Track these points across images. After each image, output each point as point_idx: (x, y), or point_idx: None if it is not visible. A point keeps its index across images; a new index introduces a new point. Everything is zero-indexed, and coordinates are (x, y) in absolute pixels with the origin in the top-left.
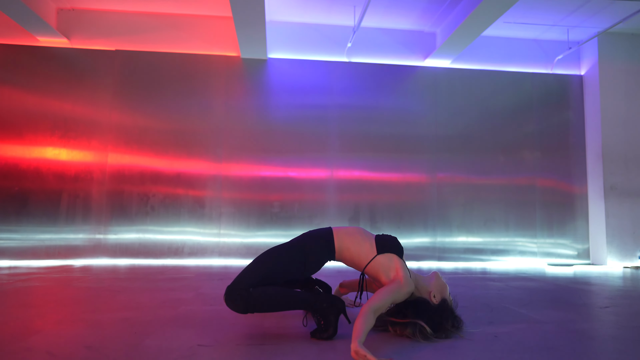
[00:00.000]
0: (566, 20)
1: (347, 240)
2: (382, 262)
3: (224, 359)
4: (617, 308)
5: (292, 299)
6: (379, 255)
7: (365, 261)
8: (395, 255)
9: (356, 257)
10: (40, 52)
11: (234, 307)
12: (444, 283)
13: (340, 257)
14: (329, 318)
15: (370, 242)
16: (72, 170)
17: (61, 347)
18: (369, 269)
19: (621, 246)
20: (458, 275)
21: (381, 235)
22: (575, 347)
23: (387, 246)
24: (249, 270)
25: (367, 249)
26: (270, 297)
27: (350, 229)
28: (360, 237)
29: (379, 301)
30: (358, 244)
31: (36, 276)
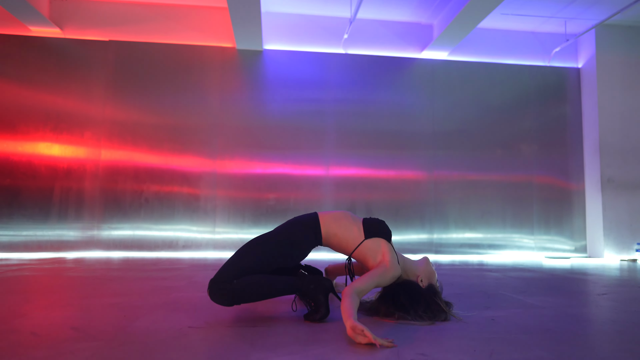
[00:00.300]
0: (563, 12)
1: (334, 226)
2: (369, 246)
3: (214, 340)
4: (615, 295)
5: (278, 285)
6: (366, 239)
7: (352, 246)
8: (382, 239)
9: (344, 243)
10: (32, 42)
11: (219, 300)
12: (432, 270)
13: (328, 242)
14: (318, 299)
15: (358, 226)
16: (64, 164)
17: (46, 329)
18: (357, 253)
19: (618, 239)
20: (455, 267)
21: (369, 219)
22: (573, 329)
23: (374, 230)
24: (232, 262)
25: (355, 233)
26: (255, 286)
27: (337, 214)
28: (347, 222)
29: (363, 284)
30: (345, 229)
31: (27, 267)
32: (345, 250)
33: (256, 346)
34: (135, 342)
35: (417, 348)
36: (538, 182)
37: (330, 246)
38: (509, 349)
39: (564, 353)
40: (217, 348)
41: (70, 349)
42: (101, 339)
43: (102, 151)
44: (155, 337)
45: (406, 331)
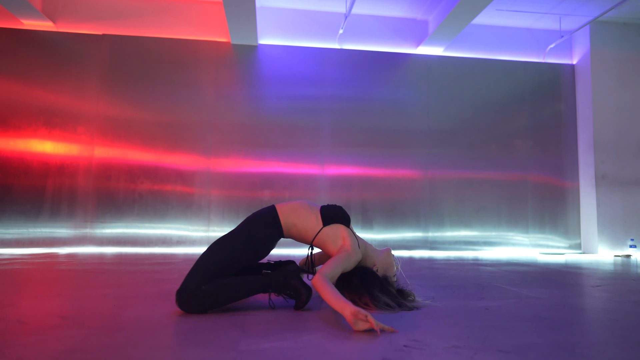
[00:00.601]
0: (558, 8)
1: (292, 217)
2: (328, 233)
3: (205, 327)
4: (609, 287)
5: (247, 285)
6: (325, 227)
7: (312, 235)
8: (341, 225)
9: (303, 232)
10: (25, 35)
11: (189, 309)
12: (391, 262)
13: (289, 234)
14: (293, 285)
15: (316, 214)
16: (57, 160)
17: (33, 317)
18: (317, 241)
19: (612, 235)
20: (450, 262)
21: (326, 207)
22: (568, 318)
23: (332, 217)
24: (197, 268)
25: (313, 222)
26: (224, 290)
27: (294, 204)
28: (305, 212)
29: (331, 269)
30: (304, 219)
31: (18, 261)
32: (305, 240)
33: (247, 333)
34: (123, 330)
35: (409, 335)
36: (533, 179)
37: (292, 237)
38: (502, 335)
39: (558, 339)
40: (207, 335)
41: (56, 336)
42: (89, 326)
43: (95, 147)
44: (144, 325)
45: (398, 319)
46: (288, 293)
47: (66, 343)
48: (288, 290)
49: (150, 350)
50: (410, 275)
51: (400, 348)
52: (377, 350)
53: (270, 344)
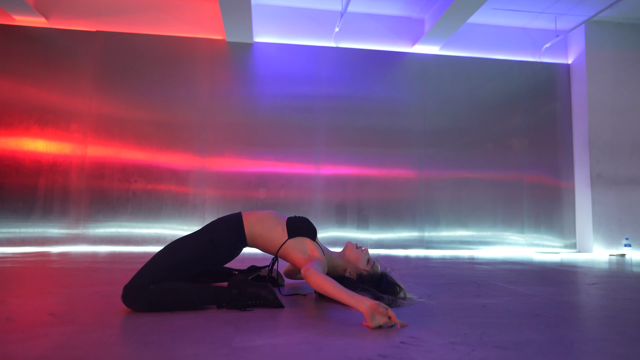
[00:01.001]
0: (553, 7)
1: (257, 227)
2: (293, 245)
3: (198, 324)
4: (605, 284)
5: (199, 294)
6: (290, 239)
7: (277, 245)
8: (306, 238)
9: (268, 243)
10: (17, 31)
11: (133, 306)
12: (356, 254)
13: (253, 243)
14: (250, 293)
15: (282, 226)
16: (50, 158)
17: (22, 314)
18: (281, 253)
19: (607, 234)
20: (445, 260)
21: (292, 218)
22: (564, 314)
23: (297, 230)
24: (150, 265)
25: (279, 233)
26: (173, 294)
27: (261, 214)
28: (272, 222)
29: (314, 267)
30: (269, 230)
31: (9, 259)
32: (270, 250)
33: (240, 330)
34: (114, 327)
35: (406, 332)
36: (528, 179)
37: (256, 246)
38: (500, 332)
39: (555, 336)
40: (200, 331)
41: (44, 333)
42: (79, 323)
43: (88, 145)
44: (136, 322)
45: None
46: (250, 303)
47: (55, 339)
48: (249, 301)
49: (142, 347)
50: (406, 274)
51: (397, 344)
52: (373, 346)
53: (264, 341)
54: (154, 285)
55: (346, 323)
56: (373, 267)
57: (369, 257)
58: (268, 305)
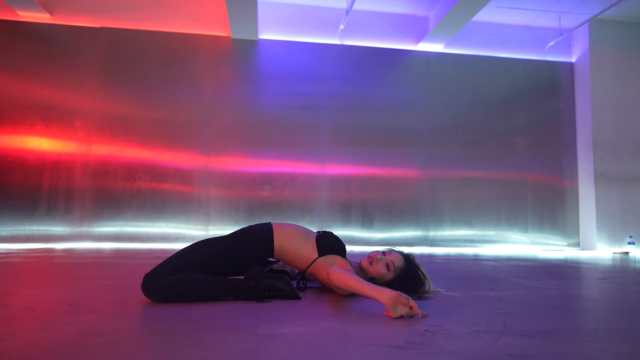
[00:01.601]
0: (557, 6)
1: (287, 242)
2: (323, 262)
3: (219, 315)
4: (615, 279)
5: (216, 285)
6: (320, 257)
7: (306, 263)
8: (337, 256)
9: (297, 259)
10: (21, 28)
11: (151, 295)
12: (376, 270)
13: (280, 257)
14: (268, 285)
15: (312, 243)
16: (54, 156)
17: (41, 304)
18: (310, 270)
19: (611, 232)
20: (450, 258)
21: (322, 236)
22: (582, 306)
23: (328, 248)
24: (174, 259)
25: (309, 251)
26: (190, 284)
27: (292, 230)
28: (301, 239)
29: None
30: (299, 247)
31: (15, 255)
32: (297, 266)
33: (262, 319)
34: (134, 316)
35: (428, 321)
36: (532, 177)
37: (283, 261)
38: (521, 321)
39: (577, 325)
40: (223, 321)
41: (67, 322)
42: (99, 313)
43: (92, 143)
44: (155, 312)
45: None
46: (267, 295)
47: (78, 327)
48: (266, 292)
49: (168, 334)
50: None
51: (422, 332)
52: (399, 334)
53: (288, 329)
54: (173, 275)
55: (366, 313)
56: (395, 269)
57: (386, 261)
58: (285, 296)
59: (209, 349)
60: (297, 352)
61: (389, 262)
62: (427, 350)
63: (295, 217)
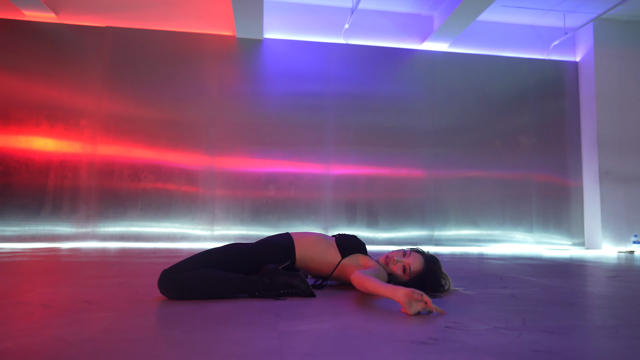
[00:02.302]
0: (562, 5)
1: (310, 251)
2: (348, 263)
3: (237, 312)
4: (627, 277)
5: (232, 282)
6: (343, 259)
7: (331, 268)
8: (359, 255)
9: (322, 265)
10: (26, 27)
11: (167, 292)
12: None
13: (302, 266)
14: (282, 282)
15: (334, 247)
16: (59, 155)
17: (58, 302)
18: (336, 273)
19: (616, 231)
20: (455, 257)
21: (340, 238)
22: (597, 303)
23: (349, 248)
24: (193, 259)
25: (332, 255)
26: (205, 280)
27: (312, 238)
28: (323, 246)
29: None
30: (323, 253)
31: (21, 254)
32: (322, 272)
33: (281, 316)
34: (152, 314)
35: (448, 317)
36: (537, 177)
37: (306, 269)
38: (540, 318)
39: (596, 322)
40: (241, 318)
41: (87, 318)
42: (117, 310)
43: (98, 143)
44: (173, 309)
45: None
46: (282, 292)
47: (99, 324)
48: (281, 290)
49: (190, 330)
50: None
51: (442, 329)
52: (421, 330)
53: (309, 326)
54: (189, 272)
55: (384, 310)
56: (411, 273)
57: (403, 263)
58: (300, 294)
59: (234, 345)
60: (322, 348)
61: (406, 264)
62: (451, 346)
63: (300, 216)
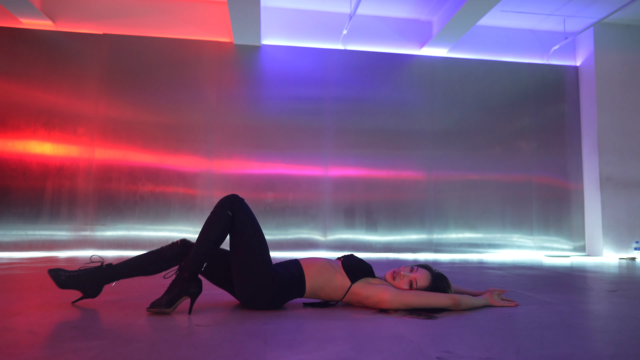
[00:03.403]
0: (562, 9)
1: (320, 280)
2: (360, 287)
3: (225, 338)
4: (626, 292)
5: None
6: (353, 284)
7: (341, 293)
8: (370, 279)
9: (331, 292)
10: (23, 34)
11: None
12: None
13: (313, 295)
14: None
15: (341, 272)
16: (57, 161)
17: (44, 327)
18: (347, 299)
19: (617, 237)
20: (455, 265)
21: (347, 262)
22: (594, 325)
23: (358, 272)
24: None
25: (340, 281)
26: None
27: (319, 266)
28: (330, 273)
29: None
30: (330, 279)
31: (18, 265)
32: (333, 298)
33: (270, 344)
34: (141, 341)
35: (440, 345)
36: (537, 181)
37: (314, 297)
38: (534, 346)
39: (592, 350)
40: (229, 347)
41: (72, 348)
42: (104, 337)
43: (95, 148)
44: (161, 336)
45: (424, 328)
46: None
47: (84, 356)
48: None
49: None
50: None
51: None
52: None
53: (297, 356)
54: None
55: (375, 336)
56: (417, 288)
57: (410, 278)
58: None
59: None
60: None
61: (413, 279)
62: None
63: (298, 221)
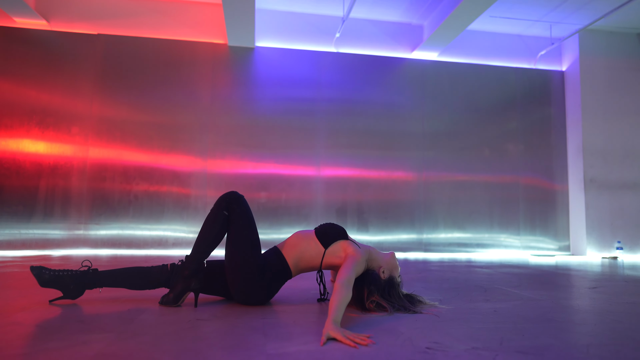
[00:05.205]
0: (549, 16)
1: (296, 252)
2: (332, 251)
3: (226, 331)
4: (606, 288)
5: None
6: (326, 249)
7: (318, 261)
8: (341, 241)
9: (310, 262)
10: (17, 34)
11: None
12: (396, 264)
13: (298, 269)
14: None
15: (314, 240)
16: (50, 161)
17: (52, 322)
18: (325, 264)
19: (600, 237)
20: (444, 264)
21: (319, 228)
22: (573, 319)
23: (329, 236)
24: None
25: (315, 248)
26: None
27: (291, 240)
28: (304, 242)
29: (347, 275)
30: (305, 250)
31: (13, 264)
32: (313, 268)
33: (269, 336)
34: (146, 334)
35: (428, 337)
36: (524, 182)
37: (301, 271)
38: (517, 337)
39: (570, 341)
40: (230, 339)
41: (82, 340)
42: (110, 330)
43: (89, 148)
44: (165, 329)
45: (414, 322)
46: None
47: (95, 347)
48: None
49: (181, 354)
50: (412, 278)
51: (423, 350)
52: (402, 352)
53: (296, 347)
54: None
55: (369, 329)
56: (400, 281)
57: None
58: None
59: None
60: None
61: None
62: None
63: (291, 220)
